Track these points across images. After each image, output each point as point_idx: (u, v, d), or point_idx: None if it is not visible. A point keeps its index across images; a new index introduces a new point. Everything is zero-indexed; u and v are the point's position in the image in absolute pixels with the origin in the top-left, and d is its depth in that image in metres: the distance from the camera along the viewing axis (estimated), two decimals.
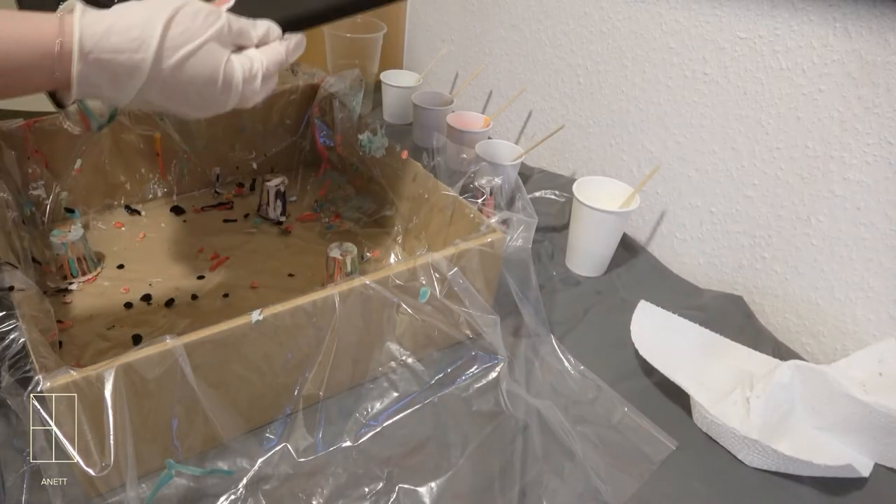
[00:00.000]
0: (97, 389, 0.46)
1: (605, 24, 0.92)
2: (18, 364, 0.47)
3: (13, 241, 0.65)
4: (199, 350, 0.50)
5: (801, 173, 0.73)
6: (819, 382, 0.60)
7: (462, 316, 0.63)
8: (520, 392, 0.63)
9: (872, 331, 0.71)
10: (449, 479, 0.55)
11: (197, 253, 0.80)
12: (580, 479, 0.57)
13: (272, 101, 0.91)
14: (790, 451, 0.58)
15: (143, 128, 0.82)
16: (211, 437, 0.55)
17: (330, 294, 0.55)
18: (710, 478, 0.59)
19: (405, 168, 0.80)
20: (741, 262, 0.82)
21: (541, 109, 1.09)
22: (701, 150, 0.83)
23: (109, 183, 0.84)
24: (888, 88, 0.64)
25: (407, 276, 0.60)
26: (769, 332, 0.77)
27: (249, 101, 0.51)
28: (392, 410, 0.61)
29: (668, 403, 0.66)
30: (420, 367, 0.65)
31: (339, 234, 0.86)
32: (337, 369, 0.60)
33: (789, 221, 0.76)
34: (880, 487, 0.60)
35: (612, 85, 0.94)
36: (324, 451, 0.57)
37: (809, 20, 0.69)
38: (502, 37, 1.12)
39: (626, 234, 0.90)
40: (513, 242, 0.67)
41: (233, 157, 0.92)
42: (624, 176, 0.95)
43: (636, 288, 0.82)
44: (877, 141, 0.66)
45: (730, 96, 0.78)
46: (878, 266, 0.69)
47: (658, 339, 0.68)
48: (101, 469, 0.47)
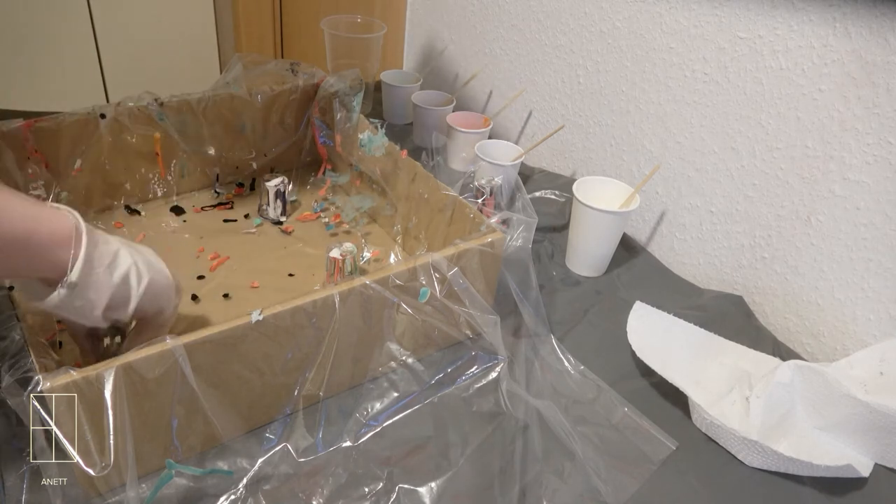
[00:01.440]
0: (97, 389, 0.46)
1: (605, 24, 0.92)
2: (18, 364, 0.47)
3: None
4: (199, 350, 0.50)
5: (801, 173, 0.73)
6: (819, 382, 0.60)
7: (462, 316, 0.63)
8: (520, 392, 0.63)
9: (872, 331, 0.71)
10: (449, 479, 0.55)
11: (197, 253, 0.80)
12: (580, 479, 0.57)
13: (272, 101, 0.91)
14: (790, 452, 0.58)
15: (143, 128, 0.82)
16: (211, 437, 0.55)
17: (330, 294, 0.55)
18: (710, 478, 0.59)
19: (405, 168, 0.80)
20: (741, 262, 0.82)
21: (541, 109, 1.09)
22: (701, 150, 0.83)
23: (109, 183, 0.84)
24: (888, 88, 0.64)
25: (407, 276, 0.60)
26: (769, 332, 0.77)
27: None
28: (392, 410, 0.61)
29: (667, 403, 0.66)
30: (420, 367, 0.65)
31: (339, 234, 0.86)
32: (337, 369, 0.60)
33: (789, 221, 0.76)
34: (880, 487, 0.60)
35: (612, 85, 0.94)
36: (324, 451, 0.57)
37: (809, 20, 0.69)
38: (502, 37, 1.12)
39: (626, 234, 0.90)
40: (513, 242, 0.67)
41: (233, 157, 0.92)
42: (624, 176, 0.95)
43: (636, 288, 0.82)
44: (877, 141, 0.66)
45: (730, 96, 0.78)
46: (878, 266, 0.69)
47: (654, 340, 0.68)
48: (101, 469, 0.47)
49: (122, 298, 0.50)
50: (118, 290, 0.50)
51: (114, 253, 0.50)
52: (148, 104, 0.81)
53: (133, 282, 0.51)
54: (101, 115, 0.79)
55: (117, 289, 0.49)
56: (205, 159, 0.89)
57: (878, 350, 0.64)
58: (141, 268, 0.52)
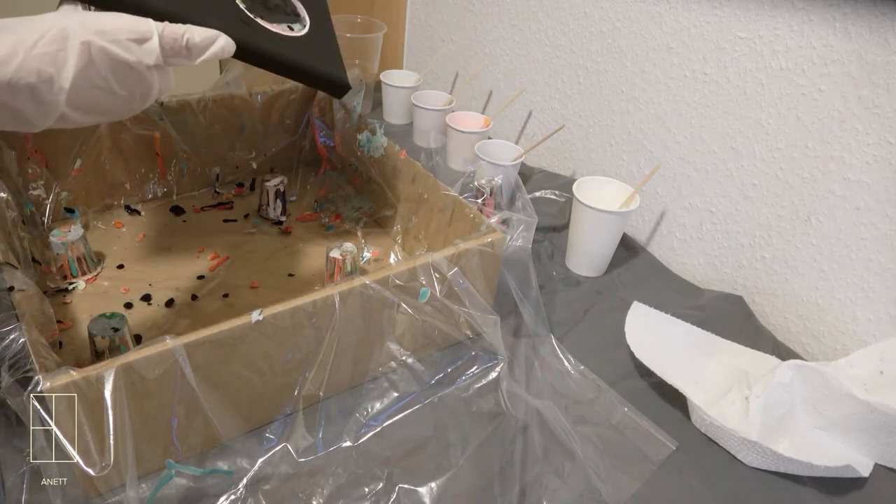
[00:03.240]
0: (97, 389, 0.46)
1: (605, 24, 0.92)
2: (18, 364, 0.47)
3: (13, 241, 0.64)
4: (199, 350, 0.50)
5: (801, 173, 0.73)
6: (819, 382, 0.60)
7: (462, 316, 0.63)
8: (520, 392, 0.63)
9: (872, 331, 0.71)
10: (449, 480, 0.55)
11: (197, 253, 0.80)
12: (580, 479, 0.57)
13: (272, 101, 0.91)
14: (790, 451, 0.58)
15: (143, 128, 0.82)
16: (211, 437, 0.55)
17: (330, 294, 0.55)
18: (710, 478, 0.59)
19: (405, 168, 0.80)
20: (741, 262, 0.82)
21: (541, 109, 1.09)
22: (701, 150, 0.83)
23: (109, 183, 0.84)
24: (888, 88, 0.64)
25: (407, 276, 0.60)
26: (769, 332, 0.77)
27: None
28: (392, 410, 0.61)
29: (667, 403, 0.66)
30: (420, 367, 0.65)
31: (339, 234, 0.86)
32: (337, 369, 0.60)
33: (789, 221, 0.76)
34: (880, 487, 0.60)
35: (612, 85, 0.94)
36: (324, 451, 0.57)
37: (809, 20, 0.69)
38: (502, 37, 1.12)
39: (626, 234, 0.90)
40: (513, 242, 0.67)
41: (233, 157, 0.92)
42: (624, 176, 0.95)
43: (636, 288, 0.82)
44: (877, 141, 0.66)
45: (730, 96, 0.78)
46: (878, 266, 0.69)
47: (652, 340, 0.68)
48: (101, 469, 0.47)
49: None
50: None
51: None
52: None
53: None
54: None
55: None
56: (205, 159, 0.89)
57: (878, 349, 0.64)
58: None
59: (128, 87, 0.45)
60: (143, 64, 0.44)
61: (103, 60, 0.42)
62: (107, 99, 0.44)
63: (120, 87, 0.44)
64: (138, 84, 0.45)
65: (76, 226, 0.72)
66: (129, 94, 0.45)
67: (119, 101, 0.45)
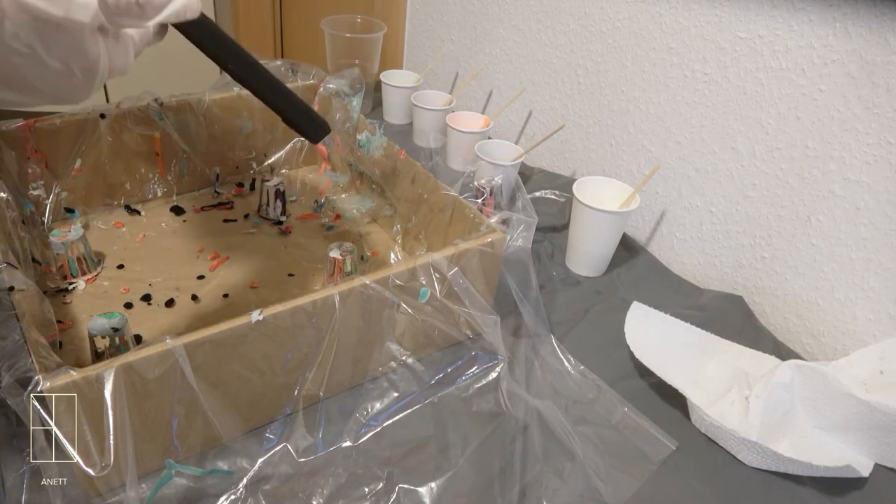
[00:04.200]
0: (97, 389, 0.46)
1: (605, 24, 0.92)
2: (18, 364, 0.47)
3: (13, 241, 0.64)
4: (199, 350, 0.50)
5: (801, 173, 0.73)
6: (819, 382, 0.60)
7: (462, 316, 0.63)
8: (520, 392, 0.63)
9: (872, 331, 0.71)
10: (449, 479, 0.55)
11: (197, 253, 0.80)
12: (580, 479, 0.57)
13: None
14: (790, 451, 0.58)
15: (143, 128, 0.82)
16: (211, 437, 0.55)
17: (330, 294, 0.55)
18: (710, 478, 0.59)
19: (404, 168, 0.80)
20: (741, 262, 0.82)
21: (541, 109, 1.08)
22: (701, 150, 0.83)
23: (109, 183, 0.84)
24: (888, 88, 0.64)
25: (407, 276, 0.60)
26: (769, 332, 0.77)
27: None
28: (392, 410, 0.61)
29: (667, 403, 0.66)
30: (420, 367, 0.65)
31: (339, 234, 0.86)
32: (337, 369, 0.60)
33: (789, 221, 0.76)
34: (880, 487, 0.60)
35: (612, 85, 0.94)
36: (324, 451, 0.57)
37: (809, 20, 0.69)
38: (502, 37, 1.12)
39: (626, 234, 0.90)
40: (513, 242, 0.67)
41: (233, 157, 0.92)
42: (624, 176, 0.95)
43: (636, 288, 0.82)
44: (877, 141, 0.66)
45: (730, 96, 0.78)
46: (878, 266, 0.69)
47: (652, 340, 0.68)
48: (100, 469, 0.47)
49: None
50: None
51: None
52: (148, 104, 0.82)
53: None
54: (101, 115, 0.79)
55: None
56: (205, 159, 0.89)
57: (878, 349, 0.64)
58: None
59: (60, 56, 0.36)
60: (75, 23, 0.35)
61: (21, 17, 0.34)
62: (34, 70, 0.36)
63: (49, 56, 0.36)
64: (76, 55, 0.37)
65: (76, 226, 0.72)
66: (63, 66, 0.37)
67: (53, 75, 0.37)
